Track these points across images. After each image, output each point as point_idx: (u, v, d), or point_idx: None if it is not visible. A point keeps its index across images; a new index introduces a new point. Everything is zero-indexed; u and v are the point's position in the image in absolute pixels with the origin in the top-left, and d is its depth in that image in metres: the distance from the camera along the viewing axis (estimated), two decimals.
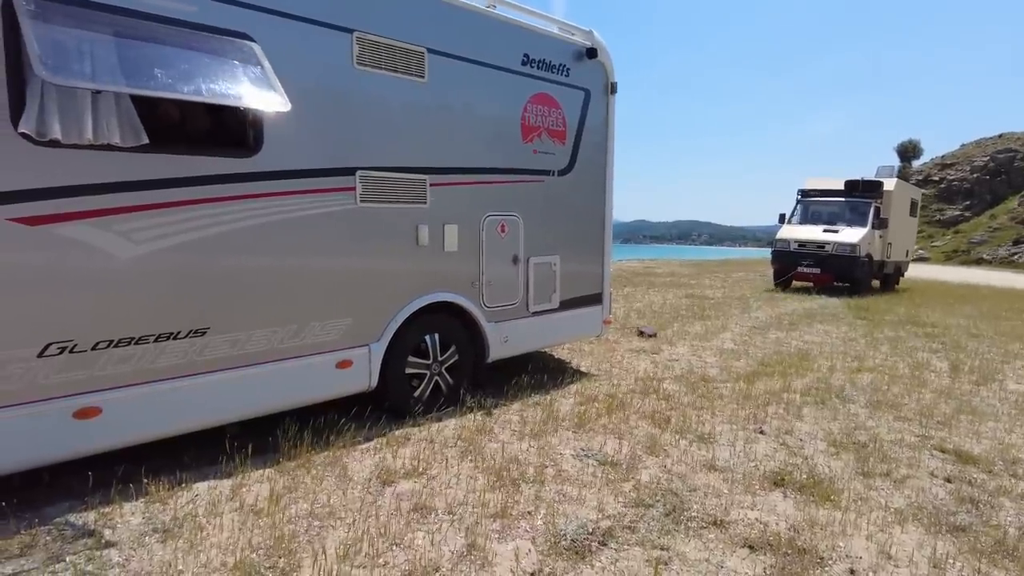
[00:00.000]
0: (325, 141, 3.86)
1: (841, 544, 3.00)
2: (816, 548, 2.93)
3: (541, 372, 5.70)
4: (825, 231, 15.63)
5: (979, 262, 41.15)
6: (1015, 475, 3.98)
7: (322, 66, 3.82)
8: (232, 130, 3.58)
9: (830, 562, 2.84)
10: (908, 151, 59.31)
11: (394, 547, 2.80)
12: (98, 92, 2.88)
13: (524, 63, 5.00)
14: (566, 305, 5.63)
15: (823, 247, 15.31)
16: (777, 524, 3.15)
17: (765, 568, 2.76)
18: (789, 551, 2.89)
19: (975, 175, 52.33)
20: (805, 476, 3.73)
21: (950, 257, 44.17)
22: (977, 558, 2.94)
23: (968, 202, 51.09)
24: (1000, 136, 55.22)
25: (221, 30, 3.37)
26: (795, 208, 17.12)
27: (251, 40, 3.47)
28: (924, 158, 58.80)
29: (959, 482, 3.83)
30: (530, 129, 5.08)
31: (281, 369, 3.74)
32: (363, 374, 4.14)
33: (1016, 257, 40.10)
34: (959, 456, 4.25)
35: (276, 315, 3.70)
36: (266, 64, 3.44)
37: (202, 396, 3.44)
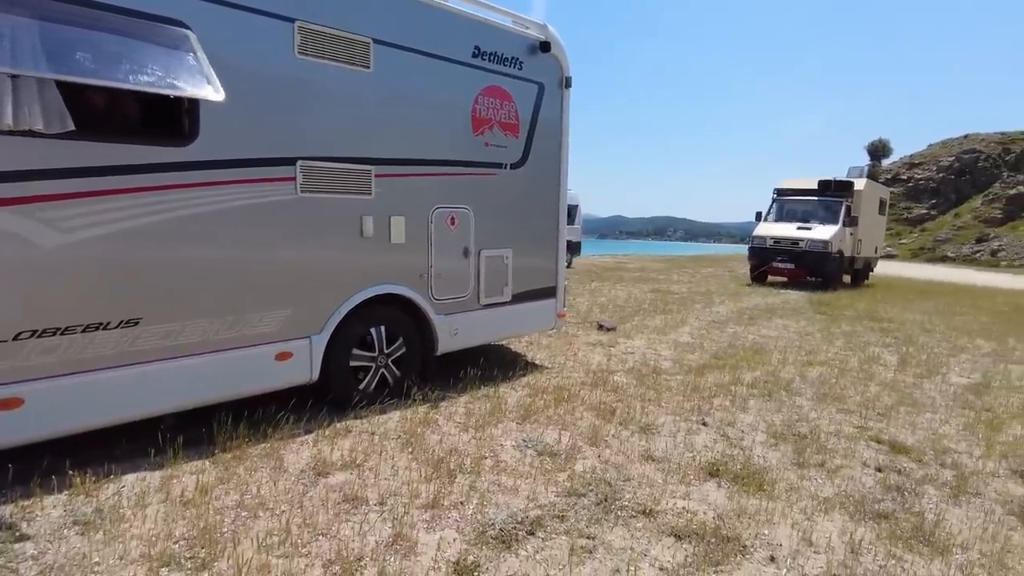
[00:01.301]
0: (264, 131, 3.81)
1: (766, 532, 3.06)
2: (740, 536, 2.99)
3: (493, 365, 5.72)
4: (799, 228, 16.29)
5: (944, 259, 42.11)
6: (943, 464, 4.09)
7: (262, 55, 3.77)
8: (165, 119, 3.52)
9: (752, 550, 2.90)
10: (878, 150, 60.42)
11: (319, 537, 2.80)
12: (16, 76, 2.81)
13: (475, 55, 4.98)
14: (519, 298, 5.65)
15: (797, 244, 15.96)
16: (705, 513, 3.21)
17: (687, 556, 2.80)
18: (713, 539, 2.94)
19: (941, 175, 53.49)
20: (740, 467, 3.79)
21: (916, 254, 45.14)
22: (894, 543, 3.02)
23: (934, 201, 52.21)
24: (965, 137, 56.48)
25: (153, 16, 3.31)
26: (771, 206, 17.83)
27: (185, 28, 3.42)
28: (893, 157, 59.96)
29: (888, 471, 3.93)
30: (481, 122, 5.08)
31: (217, 360, 3.70)
32: (304, 366, 4.12)
33: (978, 255, 41.10)
34: (893, 446, 4.35)
35: (212, 306, 3.66)
36: (200, 52, 3.39)
37: (133, 387, 3.39)
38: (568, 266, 19.69)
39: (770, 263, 16.33)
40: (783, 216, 17.37)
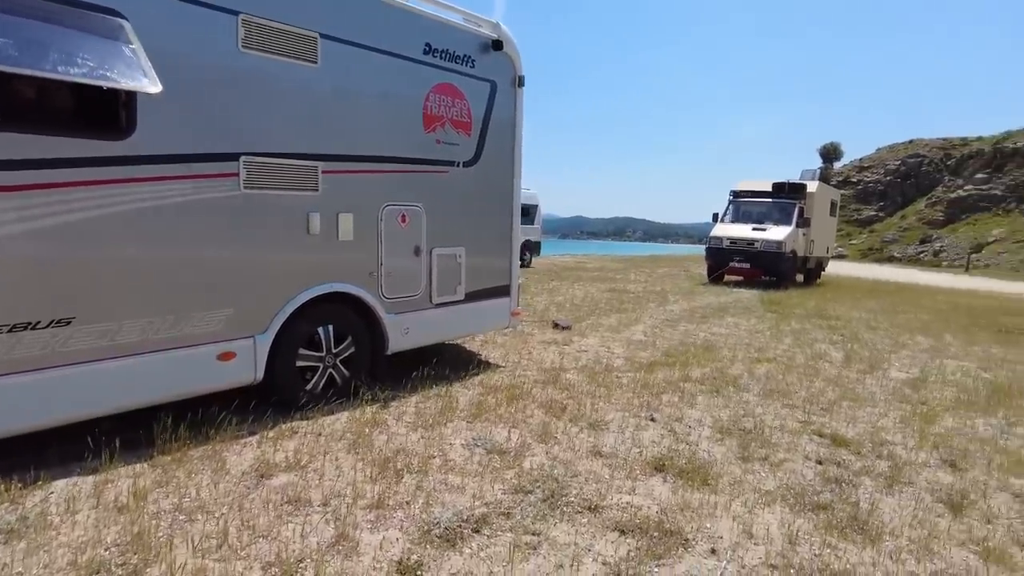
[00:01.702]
0: (206, 125, 3.72)
1: (708, 525, 3.12)
2: (682, 530, 3.03)
3: (446, 364, 5.70)
4: (754, 229, 16.94)
5: (891, 259, 43.64)
6: (879, 456, 4.22)
7: (204, 48, 3.68)
8: (100, 111, 3.39)
9: (694, 543, 2.94)
10: (830, 153, 62.29)
11: (259, 539, 2.74)
12: None
13: (426, 52, 4.95)
14: (472, 297, 5.64)
15: (752, 244, 16.59)
16: (649, 508, 3.25)
17: (629, 550, 2.83)
18: (657, 533, 2.98)
19: (888, 178, 55.39)
20: (685, 461, 3.86)
21: (865, 254, 46.67)
22: (830, 533, 3.10)
23: (882, 203, 54.02)
24: (910, 142, 58.57)
25: (86, 4, 3.19)
26: (727, 208, 18.40)
27: (121, 17, 3.31)
28: (844, 160, 61.86)
29: (828, 464, 4.03)
30: (433, 119, 5.05)
31: (157, 361, 3.59)
32: (247, 366, 4.03)
33: (922, 255, 42.70)
34: (834, 440, 4.48)
35: (151, 305, 3.55)
36: (136, 43, 3.29)
37: (66, 389, 3.27)
38: (528, 265, 19.77)
39: (727, 263, 16.86)
40: (739, 217, 17.96)
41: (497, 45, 5.51)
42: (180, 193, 3.61)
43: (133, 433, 3.68)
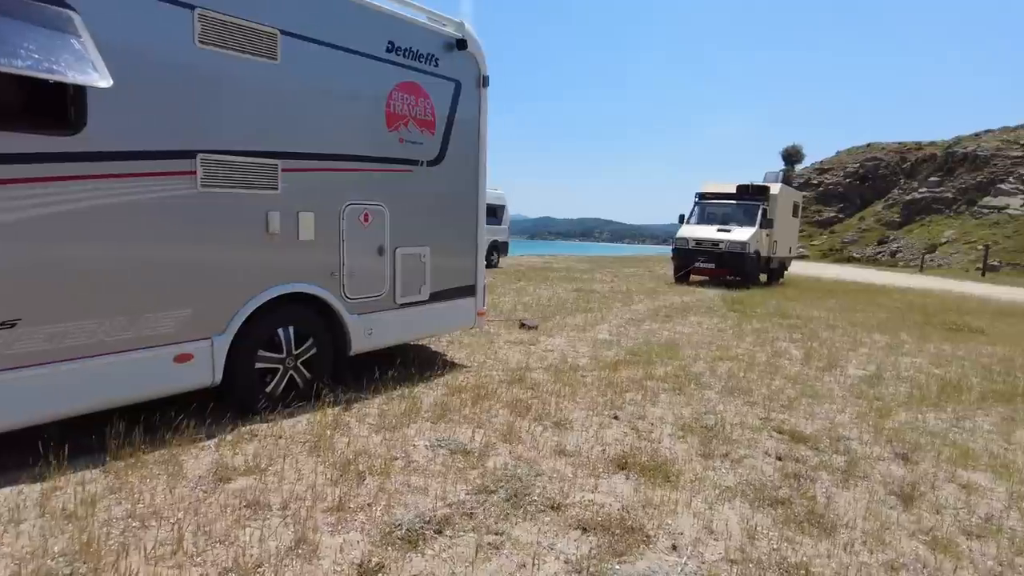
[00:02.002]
0: (161, 122, 3.62)
1: (669, 522, 3.15)
2: (644, 527, 3.06)
3: (410, 364, 5.66)
4: (719, 230, 17.31)
5: (850, 260, 44.78)
6: (837, 451, 4.32)
7: (159, 43, 3.57)
8: (47, 106, 3.28)
9: (655, 539, 2.97)
10: (792, 155, 63.66)
11: (216, 544, 2.69)
12: None
13: (389, 50, 4.91)
14: (437, 297, 5.61)
15: (717, 245, 16.96)
16: (612, 506, 3.27)
17: (591, 548, 2.85)
18: (618, 531, 3.00)
19: (847, 180, 56.85)
20: (647, 459, 3.89)
21: (826, 255, 47.81)
22: (788, 527, 3.17)
23: (842, 205, 55.42)
24: (868, 145, 60.22)
25: None
26: (693, 209, 18.82)
27: (71, 9, 3.21)
28: (806, 162, 63.30)
29: (787, 459, 4.11)
30: (396, 117, 5.01)
31: (110, 364, 3.48)
32: (205, 368, 3.94)
33: (880, 256, 43.92)
34: (793, 436, 4.57)
35: (103, 306, 3.44)
36: (86, 36, 3.19)
37: (12, 393, 3.14)
38: (495, 265, 19.76)
39: (693, 263, 17.25)
40: (704, 219, 18.36)
41: (461, 44, 5.50)
42: (134, 191, 3.51)
43: (84, 439, 3.57)
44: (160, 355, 3.71)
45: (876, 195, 53.44)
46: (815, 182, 57.56)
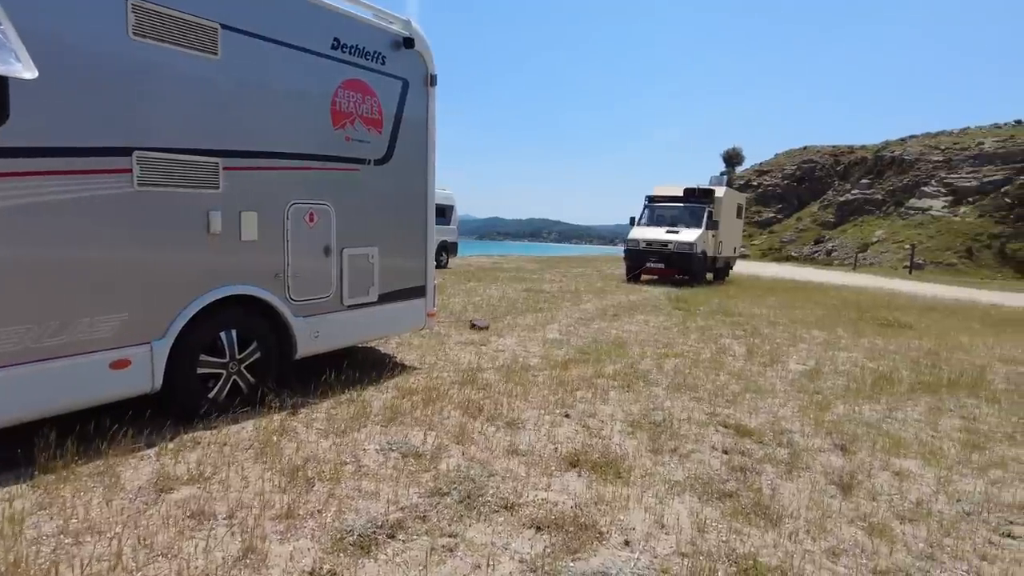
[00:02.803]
0: (93, 117, 3.45)
1: (621, 518, 3.19)
2: (597, 524, 3.08)
3: (359, 367, 5.57)
4: (668, 232, 18.08)
5: (788, 259, 46.41)
6: (780, 443, 4.46)
7: (89, 33, 3.40)
8: None
9: (608, 535, 3.00)
10: (732, 158, 65.53)
11: (159, 558, 2.57)
12: None
13: (334, 47, 4.81)
14: (386, 298, 5.53)
15: (666, 246, 17.70)
16: (565, 503, 3.28)
17: (546, 547, 2.85)
18: (572, 528, 3.01)
19: (785, 181, 58.88)
20: (599, 456, 3.93)
21: (766, 254, 49.41)
22: (736, 519, 3.24)
23: (780, 206, 57.36)
24: (804, 148, 62.51)
25: None
26: (643, 212, 19.54)
27: None
28: (746, 164, 65.26)
29: (733, 453, 4.22)
30: (342, 116, 4.91)
31: (39, 371, 3.29)
32: (144, 374, 3.77)
33: (816, 254, 45.64)
34: (738, 430, 4.69)
35: (30, 310, 3.25)
36: (7, 24, 3.01)
37: None
38: (445, 266, 19.65)
39: (644, 263, 17.96)
40: (654, 221, 19.08)
41: (409, 43, 5.43)
42: (64, 189, 3.34)
43: (10, 451, 3.37)
44: (94, 361, 3.53)
45: (812, 196, 55.54)
46: (755, 183, 59.44)
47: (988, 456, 4.43)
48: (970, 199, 42.07)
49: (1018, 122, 47.20)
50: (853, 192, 50.18)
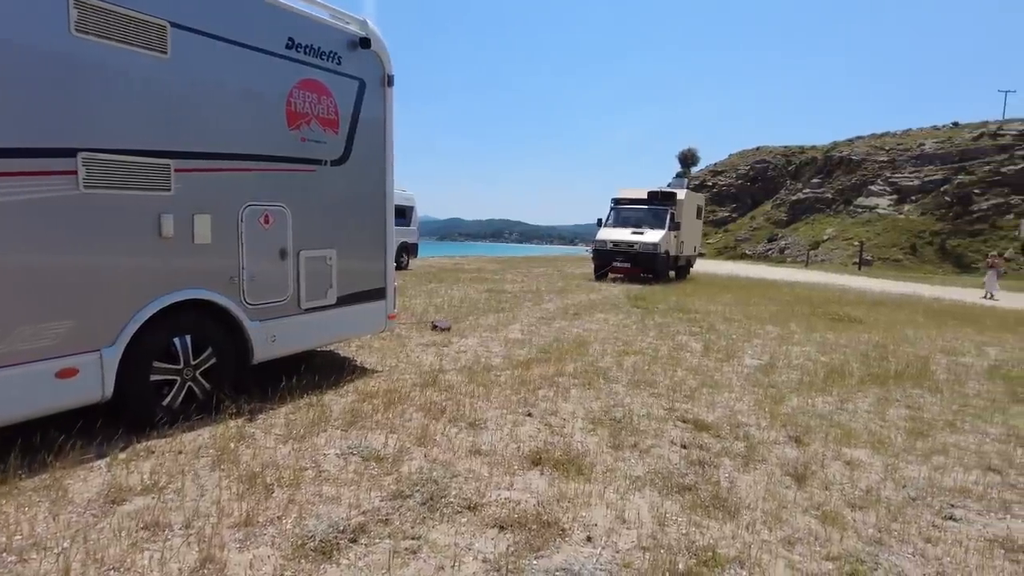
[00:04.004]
0: (34, 117, 3.32)
1: (584, 514, 3.22)
2: (560, 521, 3.11)
3: (317, 371, 5.50)
4: (633, 233, 18.94)
5: (743, 256, 47.50)
6: (737, 437, 4.56)
7: (26, 28, 3.27)
8: None
9: (570, 532, 3.03)
10: (688, 158, 66.75)
11: (111, 572, 2.50)
12: None
13: (289, 47, 4.73)
14: (345, 301, 5.46)
15: (632, 246, 18.57)
16: (528, 502, 3.30)
17: (509, 545, 2.86)
18: (535, 526, 3.03)
19: (739, 181, 60.25)
20: (561, 453, 3.96)
21: (721, 252, 50.45)
22: (695, 512, 3.31)
23: (734, 205, 58.67)
24: (757, 149, 64.07)
25: None
26: (609, 214, 20.45)
27: None
28: (701, 165, 66.54)
29: (692, 447, 4.30)
30: (297, 116, 4.83)
31: None
32: (93, 383, 3.65)
33: (770, 252, 46.79)
34: (696, 425, 4.78)
35: None
36: None
37: None
38: (405, 267, 19.50)
39: (611, 262, 18.81)
40: (620, 222, 19.89)
41: (365, 43, 5.38)
42: (3, 192, 3.20)
43: None
44: (38, 371, 3.40)
45: (765, 195, 56.98)
46: (710, 183, 60.67)
47: (931, 443, 4.61)
48: (913, 198, 43.74)
49: (955, 124, 49.25)
50: (804, 191, 51.65)
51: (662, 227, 18.84)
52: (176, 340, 4.16)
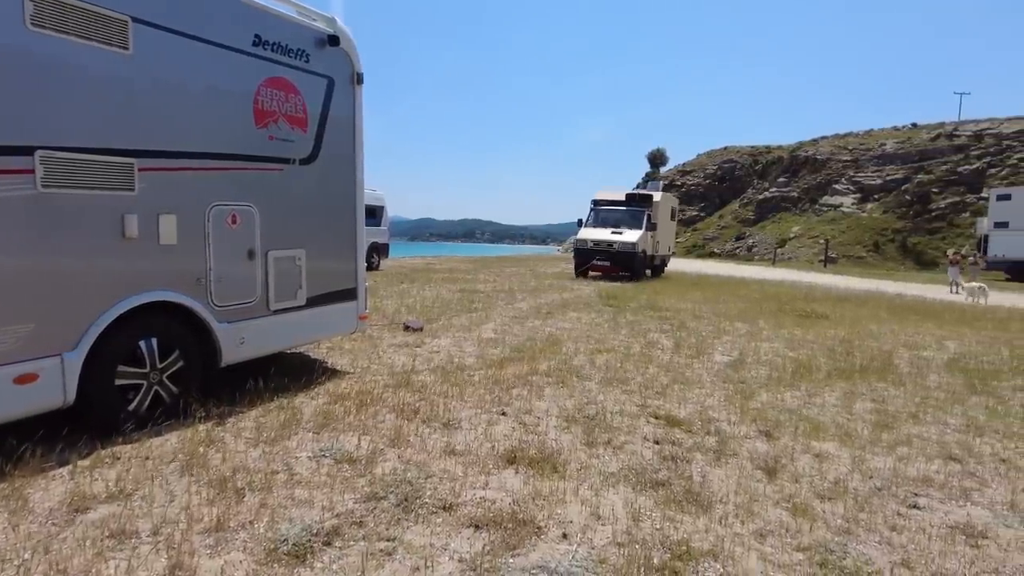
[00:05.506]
0: None
1: (559, 511, 3.22)
2: (535, 518, 3.10)
3: (288, 373, 5.42)
4: (612, 233, 19.82)
5: (712, 255, 48.15)
6: (708, 432, 4.61)
7: None
8: None
9: (546, 529, 3.03)
10: (657, 158, 67.45)
11: None
12: None
13: (256, 44, 4.66)
14: (315, 302, 5.39)
15: (611, 245, 19.41)
16: (503, 500, 3.29)
17: (485, 545, 2.85)
18: (511, 525, 3.02)
19: (707, 181, 61.04)
20: (535, 451, 3.96)
21: (690, 251, 51.04)
22: (669, 507, 3.34)
23: (703, 204, 59.41)
24: (725, 148, 64.98)
25: None
26: (589, 214, 21.33)
27: None
28: (670, 165, 67.25)
29: (664, 443, 4.34)
30: (265, 114, 4.76)
31: None
32: (55, 388, 3.54)
33: (738, 250, 47.50)
34: (668, 421, 4.82)
35: None
36: None
37: None
38: (376, 268, 19.34)
39: (591, 261, 19.71)
40: (599, 222, 20.75)
41: (333, 41, 5.32)
42: None
43: None
44: None
45: (733, 195, 57.80)
46: (679, 183, 61.33)
47: (895, 435, 4.72)
48: (875, 196, 44.82)
49: (914, 125, 50.57)
50: (771, 190, 52.53)
51: (639, 227, 19.61)
52: (142, 343, 4.06)
